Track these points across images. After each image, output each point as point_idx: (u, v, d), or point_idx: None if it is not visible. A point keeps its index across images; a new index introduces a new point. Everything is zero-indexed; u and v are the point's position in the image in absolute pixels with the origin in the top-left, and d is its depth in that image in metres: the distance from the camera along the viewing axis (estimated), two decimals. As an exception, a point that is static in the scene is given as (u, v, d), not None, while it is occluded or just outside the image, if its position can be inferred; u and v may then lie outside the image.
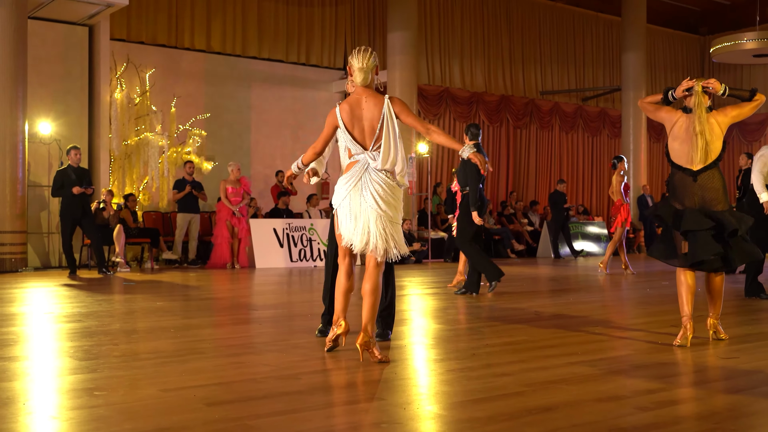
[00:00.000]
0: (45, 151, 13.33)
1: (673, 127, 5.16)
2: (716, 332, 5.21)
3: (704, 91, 5.12)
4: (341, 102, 4.69)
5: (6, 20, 11.98)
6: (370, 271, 4.56)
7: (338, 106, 4.69)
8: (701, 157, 5.03)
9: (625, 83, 20.68)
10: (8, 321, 6.31)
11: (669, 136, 5.19)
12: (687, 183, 5.08)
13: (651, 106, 5.38)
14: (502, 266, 9.20)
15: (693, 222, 4.99)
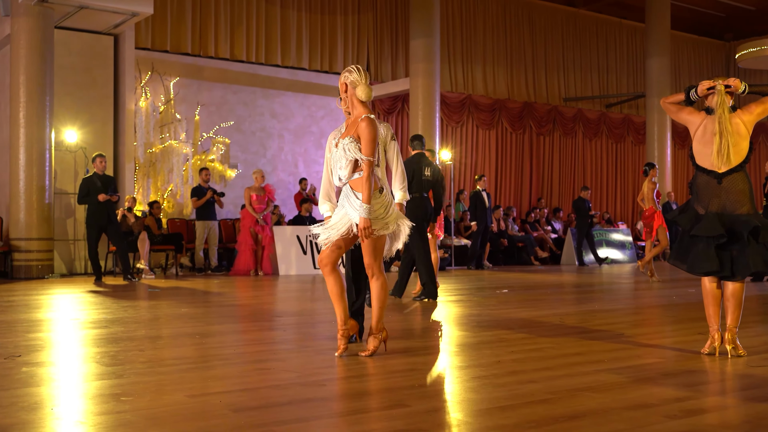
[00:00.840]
0: (71, 159, 13.46)
1: (697, 129, 5.02)
2: (735, 348, 4.90)
3: (727, 90, 4.96)
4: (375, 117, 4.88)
5: (33, 30, 12.13)
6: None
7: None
8: (723, 160, 4.85)
9: (650, 89, 20.54)
10: (35, 327, 6.37)
11: (693, 138, 5.05)
12: (711, 186, 4.92)
13: (673, 107, 5.22)
14: (526, 273, 9.15)
15: (705, 228, 4.85)
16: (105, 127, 13.84)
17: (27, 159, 12.16)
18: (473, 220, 15.63)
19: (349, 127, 4.81)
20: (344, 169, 4.73)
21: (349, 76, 4.77)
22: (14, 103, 12.23)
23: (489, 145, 20.02)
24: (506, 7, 20.38)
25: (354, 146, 4.66)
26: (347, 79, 4.77)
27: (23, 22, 12.14)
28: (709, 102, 5.04)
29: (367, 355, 4.80)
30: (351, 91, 4.77)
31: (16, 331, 6.08)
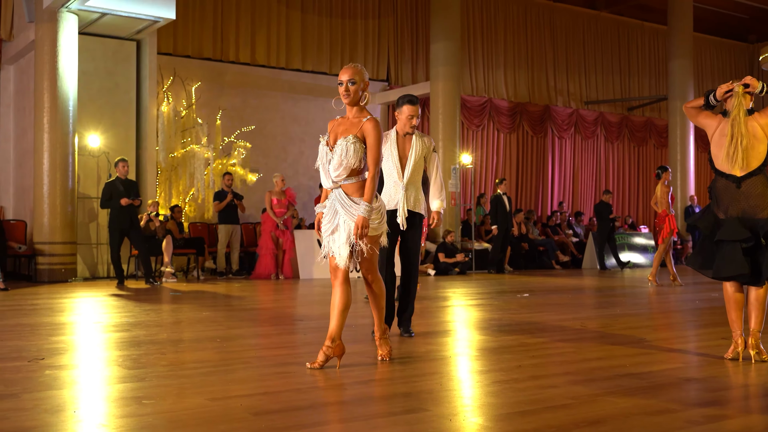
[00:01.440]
0: (94, 163, 13.57)
1: (714, 132, 4.98)
2: (759, 352, 4.83)
3: (746, 91, 4.89)
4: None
5: (57, 36, 12.27)
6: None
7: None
8: (733, 163, 4.81)
9: (672, 92, 20.39)
10: (58, 330, 6.43)
11: (711, 142, 5.02)
12: (731, 190, 4.87)
13: (693, 110, 5.17)
14: (547, 277, 9.11)
15: (729, 232, 4.80)
16: (127, 131, 13.95)
17: (51, 164, 12.28)
18: (494, 223, 15.58)
19: (347, 125, 4.58)
20: (338, 170, 4.49)
21: (365, 74, 4.62)
22: (38, 109, 12.36)
23: (510, 149, 19.97)
24: (527, 10, 20.33)
25: (358, 147, 4.47)
26: (366, 76, 4.61)
27: (47, 29, 12.27)
28: (728, 105, 4.99)
29: (386, 359, 4.80)
30: (364, 89, 4.57)
31: (39, 334, 6.14)
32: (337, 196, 4.54)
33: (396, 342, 5.84)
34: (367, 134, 4.49)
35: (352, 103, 4.57)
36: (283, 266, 13.56)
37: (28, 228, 13.20)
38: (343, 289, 4.57)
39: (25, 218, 13.47)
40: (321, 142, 4.65)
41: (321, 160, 4.61)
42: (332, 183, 4.55)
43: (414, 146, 5.94)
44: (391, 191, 5.94)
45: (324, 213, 4.63)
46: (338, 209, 4.52)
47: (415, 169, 5.94)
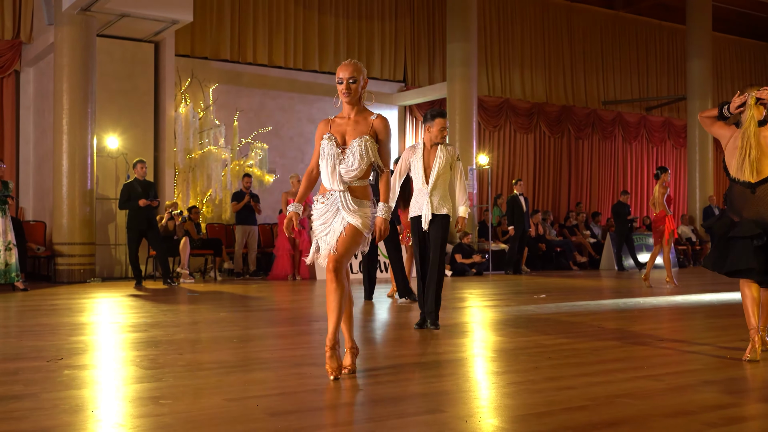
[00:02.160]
0: (112, 164, 13.66)
1: (728, 143, 5.07)
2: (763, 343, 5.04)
3: (759, 102, 4.92)
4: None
5: (76, 38, 12.35)
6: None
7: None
8: (748, 176, 4.89)
9: (691, 92, 20.26)
10: (77, 330, 6.47)
11: (725, 151, 5.09)
12: (746, 195, 4.95)
13: (708, 120, 5.23)
14: (565, 278, 9.08)
15: (742, 230, 4.88)
16: (146, 133, 14.03)
17: (70, 165, 12.36)
18: (510, 224, 15.54)
19: (354, 125, 4.39)
20: (353, 171, 4.32)
21: (365, 71, 4.44)
22: (57, 111, 12.45)
23: (527, 150, 19.91)
24: (544, 10, 20.27)
25: (373, 146, 4.33)
26: (365, 73, 4.46)
27: (66, 31, 12.36)
28: (742, 117, 5.04)
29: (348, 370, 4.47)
30: (363, 87, 4.42)
31: (59, 334, 6.19)
32: (341, 198, 4.32)
33: (414, 342, 5.84)
34: (379, 132, 4.37)
35: (352, 102, 4.38)
36: (299, 267, 13.58)
37: (48, 229, 13.30)
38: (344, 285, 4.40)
39: (44, 219, 13.57)
40: (328, 141, 4.37)
41: (327, 160, 4.35)
42: (341, 186, 4.33)
43: (438, 156, 6.48)
44: (417, 198, 6.55)
45: (319, 212, 4.41)
46: (341, 210, 4.32)
47: (440, 176, 6.47)
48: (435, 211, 6.47)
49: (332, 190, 4.37)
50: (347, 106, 4.42)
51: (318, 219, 4.43)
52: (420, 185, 6.53)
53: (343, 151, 4.34)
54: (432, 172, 6.48)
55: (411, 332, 6.55)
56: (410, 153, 6.65)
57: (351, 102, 4.38)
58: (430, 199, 6.46)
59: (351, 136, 4.35)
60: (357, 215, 4.30)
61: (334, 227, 4.34)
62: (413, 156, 6.59)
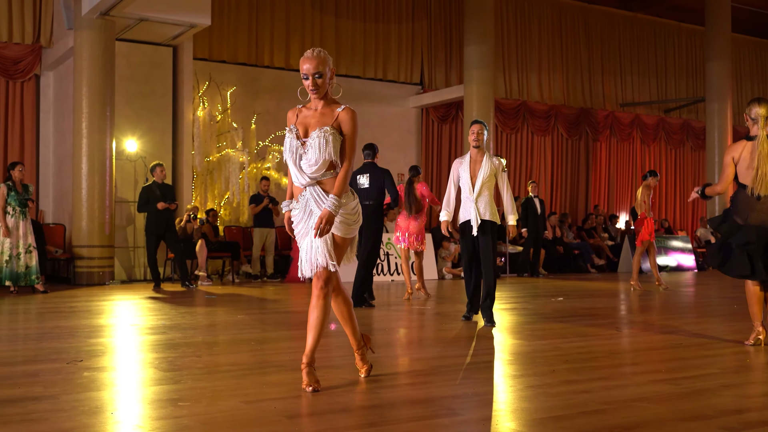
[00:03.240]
0: (131, 167, 13.75)
1: (741, 155, 5.57)
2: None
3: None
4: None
5: (95, 42, 12.44)
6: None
7: None
8: (759, 187, 5.43)
9: (710, 94, 20.11)
10: (97, 332, 6.52)
11: (738, 162, 5.59)
12: (752, 201, 5.45)
13: (727, 176, 5.65)
14: (582, 281, 9.04)
15: (739, 237, 5.47)
16: (164, 136, 14.11)
17: (89, 168, 12.45)
18: (524, 226, 15.47)
19: (319, 116, 4.16)
20: (315, 165, 4.04)
21: (330, 61, 4.16)
22: (77, 114, 12.55)
23: (544, 152, 19.86)
24: (561, 12, 20.21)
25: (336, 138, 4.07)
26: (331, 63, 4.17)
27: (86, 35, 12.46)
28: (753, 130, 5.60)
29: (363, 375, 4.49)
30: (331, 78, 4.18)
31: (78, 336, 6.24)
32: (312, 193, 4.07)
33: (430, 345, 5.84)
34: (343, 123, 4.10)
35: (320, 96, 4.14)
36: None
37: (67, 232, 13.41)
38: (341, 298, 4.32)
39: (64, 222, 13.68)
40: (289, 135, 4.15)
41: (290, 155, 4.11)
42: (307, 179, 4.07)
43: (483, 166, 7.10)
44: (465, 204, 7.17)
45: (295, 214, 4.17)
46: (314, 209, 4.07)
47: (484, 185, 7.07)
48: (483, 217, 7.07)
49: (303, 191, 4.12)
50: (315, 99, 4.19)
51: (296, 226, 4.19)
52: (467, 193, 7.13)
53: (303, 144, 4.11)
54: (477, 181, 7.07)
55: (427, 335, 6.57)
56: (458, 163, 7.30)
57: (319, 97, 4.15)
58: (476, 206, 7.06)
59: (313, 128, 4.12)
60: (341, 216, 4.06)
61: (309, 227, 4.09)
62: (461, 166, 7.24)
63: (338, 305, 4.36)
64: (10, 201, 10.46)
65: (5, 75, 13.67)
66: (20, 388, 4.12)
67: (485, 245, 7.08)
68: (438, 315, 8.27)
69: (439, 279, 14.40)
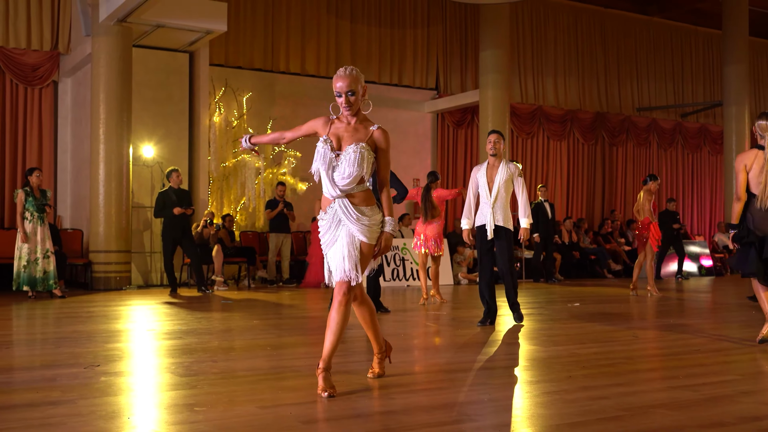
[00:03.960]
0: (148, 173, 13.82)
1: (753, 164, 5.88)
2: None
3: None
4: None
5: (113, 49, 12.53)
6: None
7: None
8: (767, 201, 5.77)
9: (727, 98, 19.97)
10: (114, 337, 6.55)
11: (750, 170, 5.91)
12: (762, 211, 5.79)
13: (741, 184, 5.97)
14: (599, 287, 9.00)
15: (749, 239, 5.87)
16: (180, 141, 14.18)
17: (106, 174, 12.53)
18: (535, 231, 15.39)
19: (352, 131, 4.26)
20: (347, 178, 4.15)
21: (362, 78, 4.28)
22: (94, 120, 12.63)
23: (560, 157, 19.80)
24: (577, 16, 20.16)
25: (370, 156, 4.18)
26: (363, 80, 4.29)
27: (103, 42, 12.54)
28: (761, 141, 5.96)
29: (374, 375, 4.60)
30: (363, 95, 4.28)
31: (95, 341, 6.27)
32: (341, 205, 4.18)
33: (447, 351, 5.83)
34: (379, 141, 4.23)
35: (353, 113, 4.26)
36: (332, 275, 13.60)
37: (84, 237, 13.49)
38: (366, 306, 4.44)
39: (81, 227, 13.77)
40: (323, 146, 4.25)
41: (323, 165, 4.22)
42: (338, 192, 4.18)
43: (500, 171, 7.35)
44: (482, 209, 7.40)
45: (323, 228, 4.28)
46: (342, 219, 4.17)
47: (501, 190, 7.31)
48: (497, 222, 7.32)
49: (332, 202, 4.23)
50: (348, 115, 4.30)
51: (323, 235, 4.27)
52: (485, 198, 7.37)
53: (337, 156, 4.20)
54: (494, 186, 7.33)
55: (443, 340, 6.55)
56: (477, 170, 7.51)
57: (352, 114, 4.27)
58: (493, 210, 7.31)
59: (347, 142, 4.21)
60: (362, 225, 4.16)
61: (339, 241, 4.20)
62: (479, 172, 7.46)
63: (361, 311, 4.48)
64: (28, 206, 10.53)
65: (24, 81, 13.79)
66: (38, 392, 4.14)
67: (501, 249, 7.38)
68: (453, 320, 8.25)
69: (455, 284, 14.37)
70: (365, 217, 4.17)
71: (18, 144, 13.83)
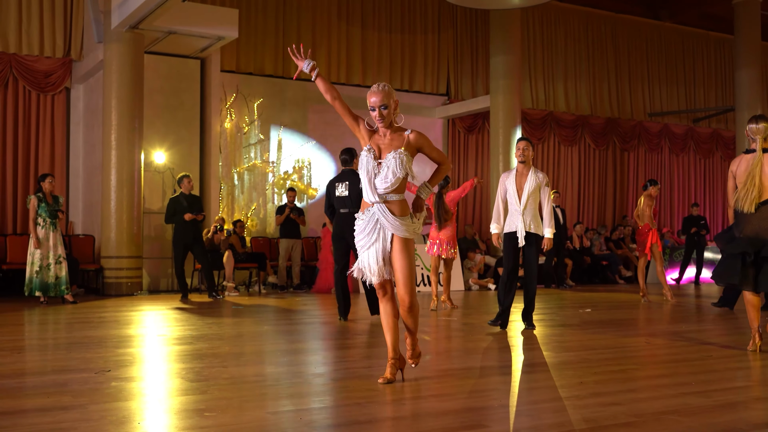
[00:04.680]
0: (159, 179, 13.86)
1: (737, 169, 5.98)
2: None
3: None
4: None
5: (124, 55, 12.59)
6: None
7: None
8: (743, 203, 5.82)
9: (739, 103, 19.86)
10: (125, 343, 6.57)
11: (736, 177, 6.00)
12: (745, 214, 5.82)
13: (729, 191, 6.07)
14: (610, 293, 8.96)
15: (732, 247, 5.89)
16: (191, 147, 14.22)
17: (118, 180, 12.58)
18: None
19: (389, 140, 4.61)
20: (386, 183, 4.51)
21: (394, 94, 4.66)
22: (106, 126, 12.69)
23: (571, 162, 19.75)
24: (588, 21, 20.12)
25: (408, 158, 4.52)
26: (395, 95, 4.66)
27: (115, 48, 12.61)
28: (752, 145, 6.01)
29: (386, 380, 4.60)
30: (395, 108, 4.62)
31: (106, 346, 6.29)
32: (379, 209, 4.52)
33: (457, 356, 5.81)
34: (418, 142, 4.59)
35: (386, 125, 4.62)
36: (343, 280, 13.61)
37: (96, 243, 13.54)
38: (393, 303, 4.68)
39: (93, 233, 13.82)
40: (367, 154, 4.60)
41: (365, 173, 4.57)
42: (377, 197, 4.53)
43: (529, 179, 7.44)
44: (512, 216, 7.49)
45: (359, 227, 4.61)
46: (381, 220, 4.52)
47: (530, 198, 7.40)
48: (527, 229, 7.40)
49: (370, 205, 4.57)
50: (382, 127, 4.65)
51: (359, 234, 4.61)
52: (514, 206, 7.45)
53: (379, 164, 4.54)
54: (523, 194, 7.41)
55: (453, 346, 6.53)
56: (505, 177, 7.62)
57: (385, 126, 4.62)
58: (523, 218, 7.39)
59: (386, 151, 4.57)
60: (400, 225, 4.49)
61: (378, 243, 4.54)
62: (508, 179, 7.57)
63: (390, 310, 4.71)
64: (41, 212, 10.58)
65: (36, 88, 13.87)
66: (49, 397, 4.15)
67: (530, 257, 7.48)
68: (465, 325, 8.23)
69: (466, 290, 14.34)
70: (402, 220, 4.51)
71: (30, 150, 13.91)
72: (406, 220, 4.52)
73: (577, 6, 19.85)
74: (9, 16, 13.70)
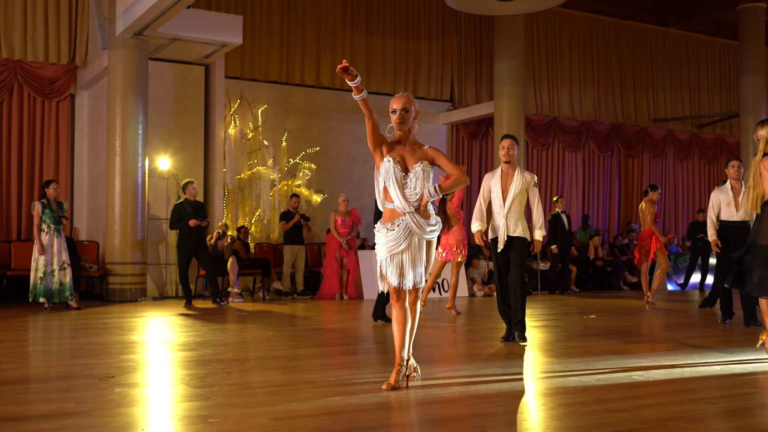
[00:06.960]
0: (163, 185, 13.88)
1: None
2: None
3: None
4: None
5: (129, 62, 12.61)
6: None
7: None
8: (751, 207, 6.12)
9: (744, 109, 19.83)
10: (129, 349, 6.57)
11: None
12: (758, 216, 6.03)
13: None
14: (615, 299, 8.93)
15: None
16: (196, 154, 14.24)
17: (122, 186, 12.59)
18: (552, 243, 15.33)
19: (410, 151, 4.74)
20: (417, 194, 4.64)
21: (416, 103, 4.79)
22: (111, 133, 12.71)
23: (575, 168, 19.74)
24: (593, 27, 20.13)
25: (430, 171, 4.68)
26: (416, 105, 4.79)
27: (120, 55, 12.64)
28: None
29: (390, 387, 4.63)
30: (415, 117, 4.78)
31: (110, 352, 6.29)
32: (412, 218, 4.62)
33: (461, 362, 5.80)
34: (435, 157, 4.70)
35: (404, 130, 4.74)
36: (347, 286, 13.61)
37: (100, 249, 13.55)
38: (405, 312, 4.74)
39: (97, 239, 13.83)
40: (392, 164, 4.66)
41: (393, 183, 4.64)
42: (411, 207, 4.63)
43: (515, 180, 7.02)
44: (495, 219, 7.07)
45: (392, 236, 4.66)
46: (414, 230, 4.62)
47: (515, 200, 6.98)
48: (510, 233, 6.99)
49: (401, 215, 4.64)
50: (400, 134, 4.76)
51: (390, 242, 4.66)
52: (498, 208, 7.06)
53: (405, 175, 4.66)
54: (508, 196, 7.00)
55: (457, 352, 6.52)
56: (489, 177, 7.19)
57: (403, 130, 4.74)
58: (506, 221, 6.98)
59: (411, 162, 4.68)
60: (429, 230, 4.65)
61: (413, 251, 4.65)
62: (492, 180, 7.14)
63: (404, 315, 4.76)
64: (45, 218, 10.60)
65: (41, 95, 13.91)
66: (53, 403, 4.15)
67: (514, 261, 7.01)
68: (468, 332, 8.22)
69: (470, 296, 14.32)
70: (429, 225, 4.66)
71: (35, 156, 13.94)
72: (431, 222, 4.67)
73: (581, 12, 19.86)
74: (14, 23, 13.76)
